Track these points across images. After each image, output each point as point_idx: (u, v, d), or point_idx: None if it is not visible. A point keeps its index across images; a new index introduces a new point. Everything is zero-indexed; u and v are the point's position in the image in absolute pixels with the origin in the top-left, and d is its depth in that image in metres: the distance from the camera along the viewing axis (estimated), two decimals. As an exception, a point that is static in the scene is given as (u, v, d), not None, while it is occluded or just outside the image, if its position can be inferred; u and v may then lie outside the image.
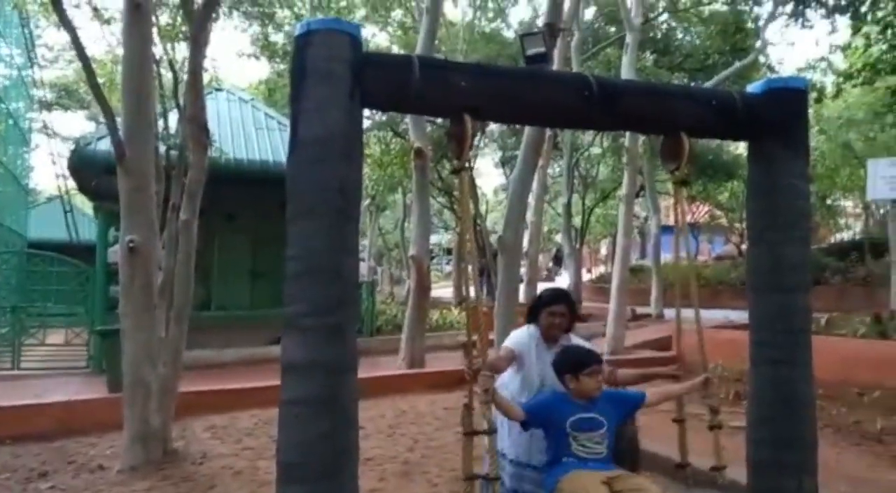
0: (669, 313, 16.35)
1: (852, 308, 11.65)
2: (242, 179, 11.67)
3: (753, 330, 3.62)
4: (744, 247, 27.84)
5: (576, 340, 3.68)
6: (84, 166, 11.02)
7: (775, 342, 3.47)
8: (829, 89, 15.79)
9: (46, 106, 19.98)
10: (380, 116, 20.64)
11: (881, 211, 22.39)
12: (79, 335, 11.27)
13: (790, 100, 3.55)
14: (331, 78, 2.70)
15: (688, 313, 3.51)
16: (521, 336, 3.61)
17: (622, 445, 3.33)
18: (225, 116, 13.17)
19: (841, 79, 15.02)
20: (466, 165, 3.01)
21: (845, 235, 28.98)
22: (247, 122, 13.45)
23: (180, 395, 6.20)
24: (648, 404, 3.35)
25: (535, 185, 11.17)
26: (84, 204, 20.58)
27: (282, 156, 12.07)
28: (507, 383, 3.52)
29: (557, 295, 3.74)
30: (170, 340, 5.99)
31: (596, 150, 24.53)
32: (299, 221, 2.74)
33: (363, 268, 26.67)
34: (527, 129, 9.19)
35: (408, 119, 12.98)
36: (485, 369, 2.85)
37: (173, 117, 9.15)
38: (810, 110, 3.79)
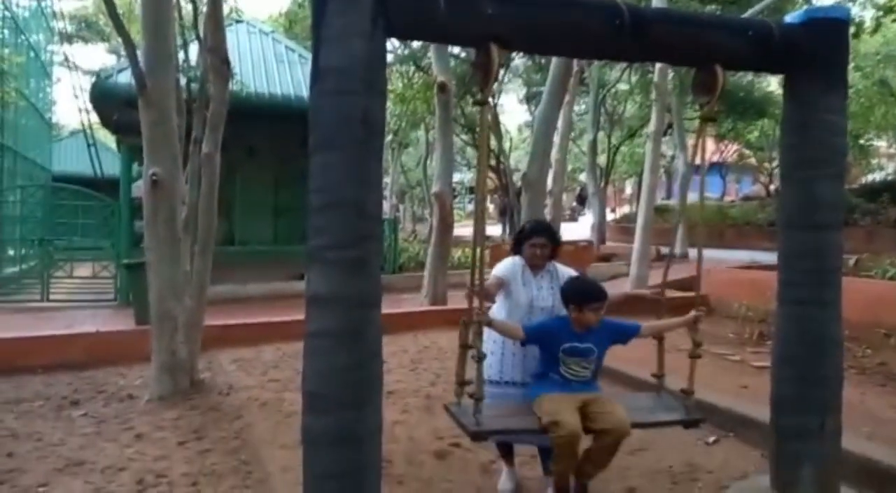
0: (694, 252, 16.22)
1: (881, 250, 11.46)
2: (263, 114, 11.61)
3: (782, 269, 3.56)
4: (772, 187, 27.46)
5: (561, 268, 3.82)
6: (105, 99, 11.01)
7: (804, 281, 3.42)
8: (868, 23, 15.19)
9: (67, 38, 19.82)
10: (402, 50, 20.31)
11: (915, 151, 21.86)
12: (106, 268, 11.45)
13: (830, 31, 3.41)
14: (353, 4, 2.61)
15: (705, 253, 3.54)
16: (507, 265, 3.79)
17: None
18: (245, 48, 13.02)
19: (881, 12, 14.45)
20: (490, 99, 2.97)
21: (877, 176, 28.38)
22: (267, 55, 13.30)
23: (205, 328, 6.29)
24: (641, 335, 3.50)
25: (560, 122, 10.99)
26: (107, 138, 20.65)
27: (303, 90, 11.95)
28: (497, 309, 3.76)
29: (538, 228, 3.90)
30: (195, 273, 6.05)
31: (623, 86, 24.01)
32: (321, 154, 2.70)
33: (385, 205, 26.72)
34: (553, 62, 9.00)
35: (430, 53, 12.74)
36: (479, 295, 3.06)
37: (193, 50, 9.05)
38: (848, 44, 3.65)
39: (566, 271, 3.80)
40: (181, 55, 8.35)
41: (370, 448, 2.77)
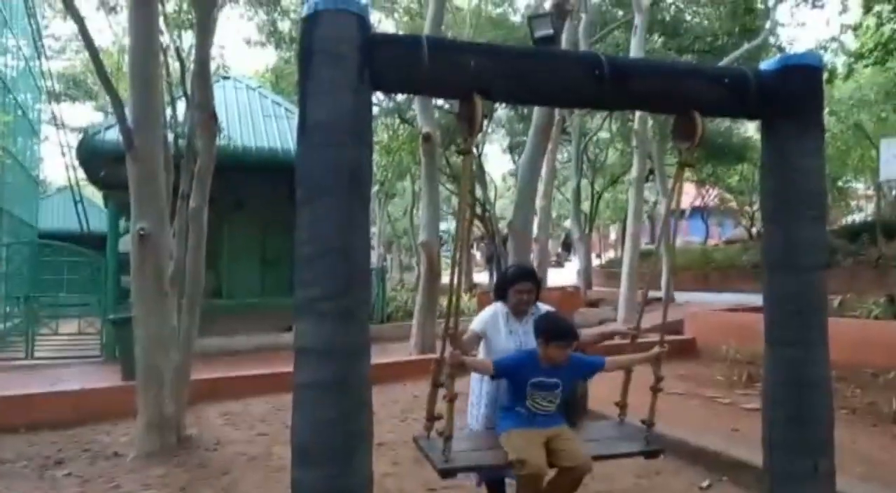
0: (680, 296, 16.30)
1: (864, 290, 11.57)
2: (251, 167, 11.69)
3: (767, 310, 3.59)
4: (754, 230, 27.74)
5: (542, 307, 3.85)
6: (93, 156, 11.07)
7: (790, 323, 3.44)
8: (841, 70, 15.62)
9: (55, 97, 19.97)
10: (387, 103, 20.60)
11: (893, 192, 22.22)
12: (91, 325, 11.34)
13: (805, 77, 3.49)
14: (339, 59, 2.67)
15: (690, 296, 3.59)
16: (485, 317, 3.79)
17: (574, 398, 3.70)
18: (232, 103, 13.17)
19: (852, 59, 14.87)
20: (474, 148, 3.04)
21: (856, 218, 28.76)
22: (254, 109, 13.45)
23: (193, 382, 6.22)
24: (605, 370, 3.56)
25: (543, 170, 11.13)
26: (94, 195, 20.67)
27: (290, 143, 12.07)
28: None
29: (522, 273, 3.91)
30: (182, 327, 6.00)
31: (604, 134, 24.41)
32: (309, 205, 2.72)
33: (372, 255, 26.69)
34: (535, 113, 9.16)
35: (415, 105, 12.93)
36: (452, 339, 3.09)
37: (181, 106, 9.15)
38: (821, 90, 3.75)
39: (546, 309, 3.84)
40: (168, 111, 8.44)
41: (361, 501, 2.73)
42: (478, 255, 33.31)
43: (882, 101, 19.75)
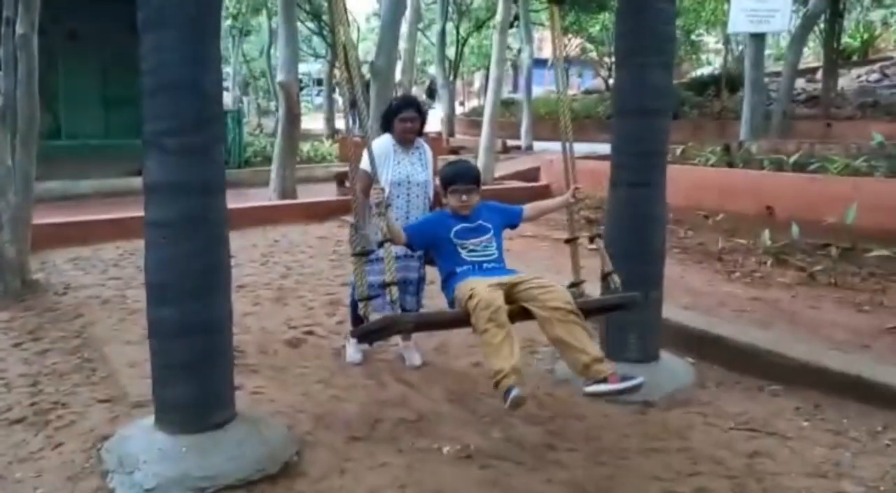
0: (539, 145, 16.77)
1: (706, 140, 12.31)
2: (85, -7, 10.58)
3: (615, 154, 3.80)
4: (611, 82, 28.51)
5: (427, 146, 4.03)
6: None
7: (633, 164, 3.68)
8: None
9: None
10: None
11: (740, 47, 23.28)
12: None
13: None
14: None
15: (548, 145, 3.67)
16: (376, 150, 3.36)
17: None
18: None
19: None
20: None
21: (705, 71, 30.07)
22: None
23: (36, 227, 5.86)
24: (526, 218, 3.40)
25: (408, 10, 10.79)
26: None
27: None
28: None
29: (406, 102, 3.99)
30: (17, 167, 5.57)
31: (471, -25, 23.75)
32: (152, 32, 2.55)
33: (227, 97, 25.44)
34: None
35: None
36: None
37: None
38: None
39: (429, 151, 3.99)
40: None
41: (220, 337, 2.77)
42: (339, 100, 32.48)
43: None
